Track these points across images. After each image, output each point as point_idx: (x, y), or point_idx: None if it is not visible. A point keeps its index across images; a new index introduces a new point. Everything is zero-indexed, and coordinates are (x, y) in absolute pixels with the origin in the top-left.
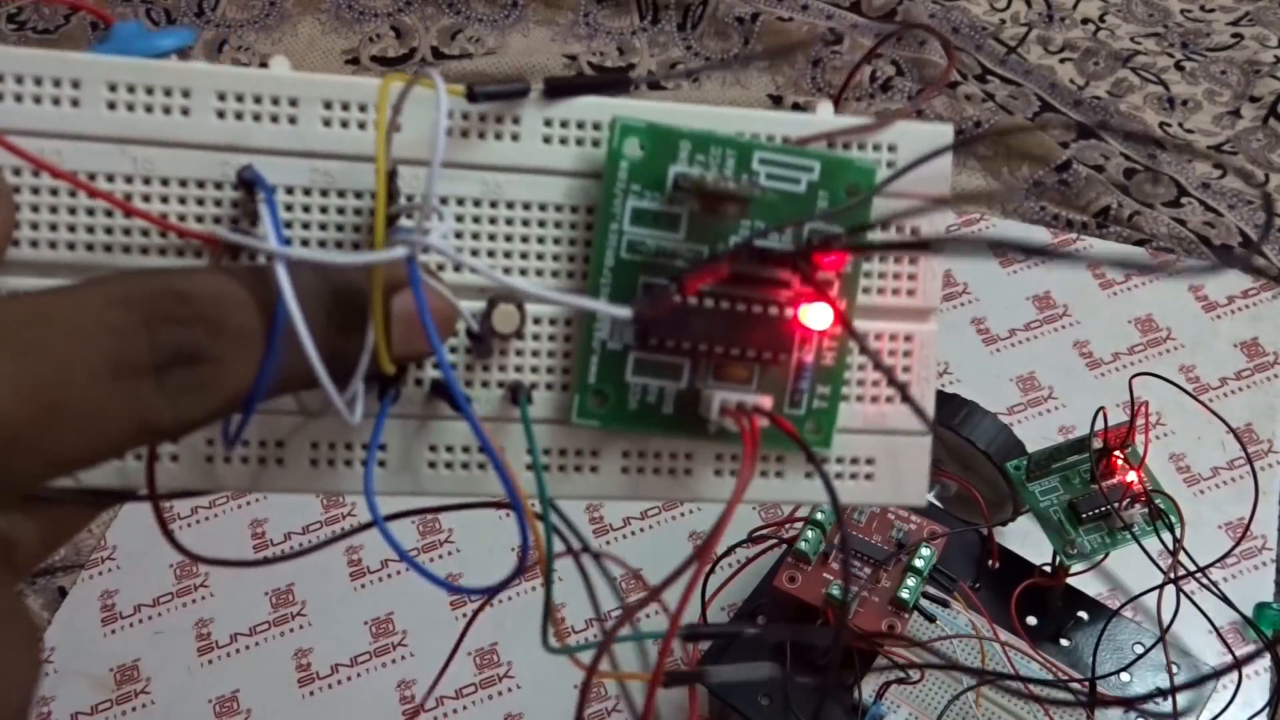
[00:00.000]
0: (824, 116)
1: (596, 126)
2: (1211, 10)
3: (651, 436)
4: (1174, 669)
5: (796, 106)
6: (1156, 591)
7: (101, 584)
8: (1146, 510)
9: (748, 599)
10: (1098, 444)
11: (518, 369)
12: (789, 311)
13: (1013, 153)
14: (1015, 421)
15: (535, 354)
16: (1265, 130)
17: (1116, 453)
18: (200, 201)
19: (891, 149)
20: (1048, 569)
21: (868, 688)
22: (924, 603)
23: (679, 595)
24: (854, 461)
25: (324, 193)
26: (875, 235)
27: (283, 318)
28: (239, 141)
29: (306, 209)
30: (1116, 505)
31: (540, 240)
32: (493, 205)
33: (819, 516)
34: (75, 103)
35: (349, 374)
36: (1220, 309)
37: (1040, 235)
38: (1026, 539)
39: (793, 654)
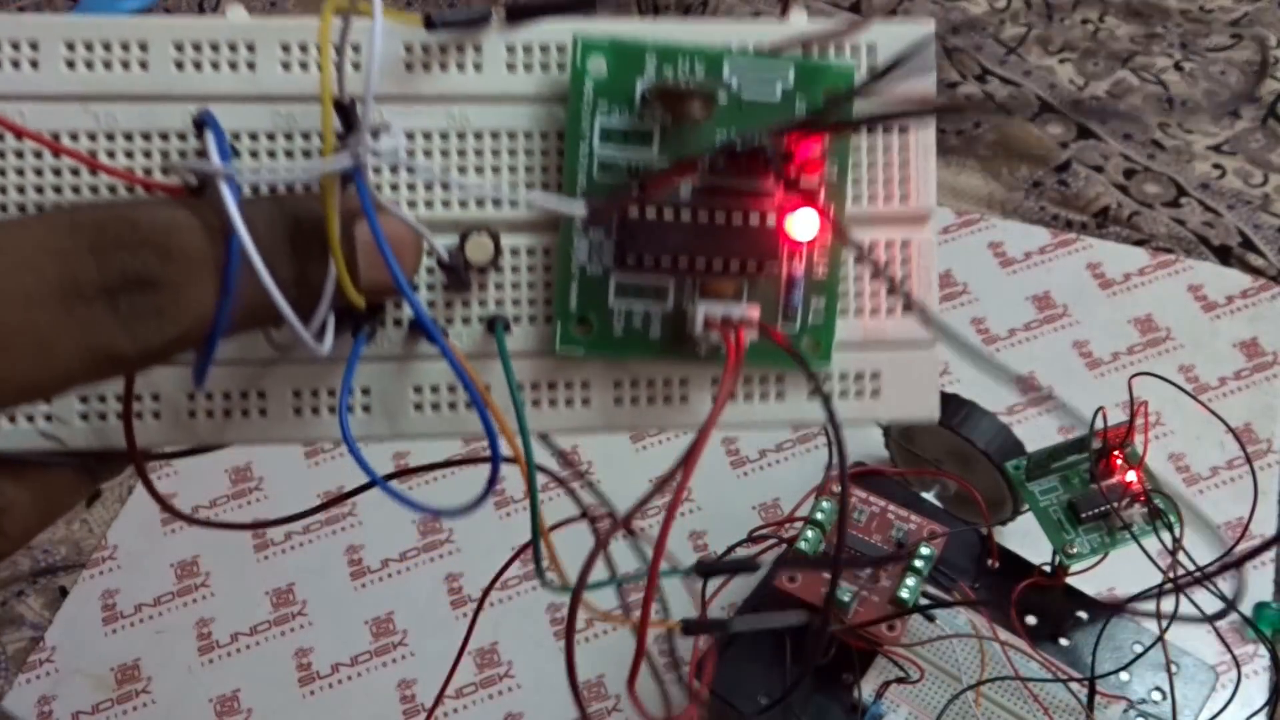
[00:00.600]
0: (797, 22)
1: (561, 50)
2: (1210, 10)
3: (641, 362)
4: (1174, 668)
5: None
6: (1156, 591)
7: (102, 583)
8: (1146, 510)
9: (747, 599)
10: (1097, 444)
11: (498, 303)
12: (771, 219)
13: (1012, 153)
14: (1015, 421)
15: (515, 286)
16: (1264, 130)
17: (1116, 452)
18: (165, 154)
19: (870, 50)
20: (1047, 569)
21: (867, 687)
22: (924, 602)
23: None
24: (858, 378)
25: (287, 136)
26: (861, 143)
27: (237, 242)
28: (199, 91)
29: (272, 154)
30: (1116, 505)
31: (511, 170)
32: (460, 137)
33: (819, 516)
34: (35, 64)
35: (317, 303)
36: (1220, 309)
37: (1040, 235)
38: (1026, 539)
39: (793, 653)
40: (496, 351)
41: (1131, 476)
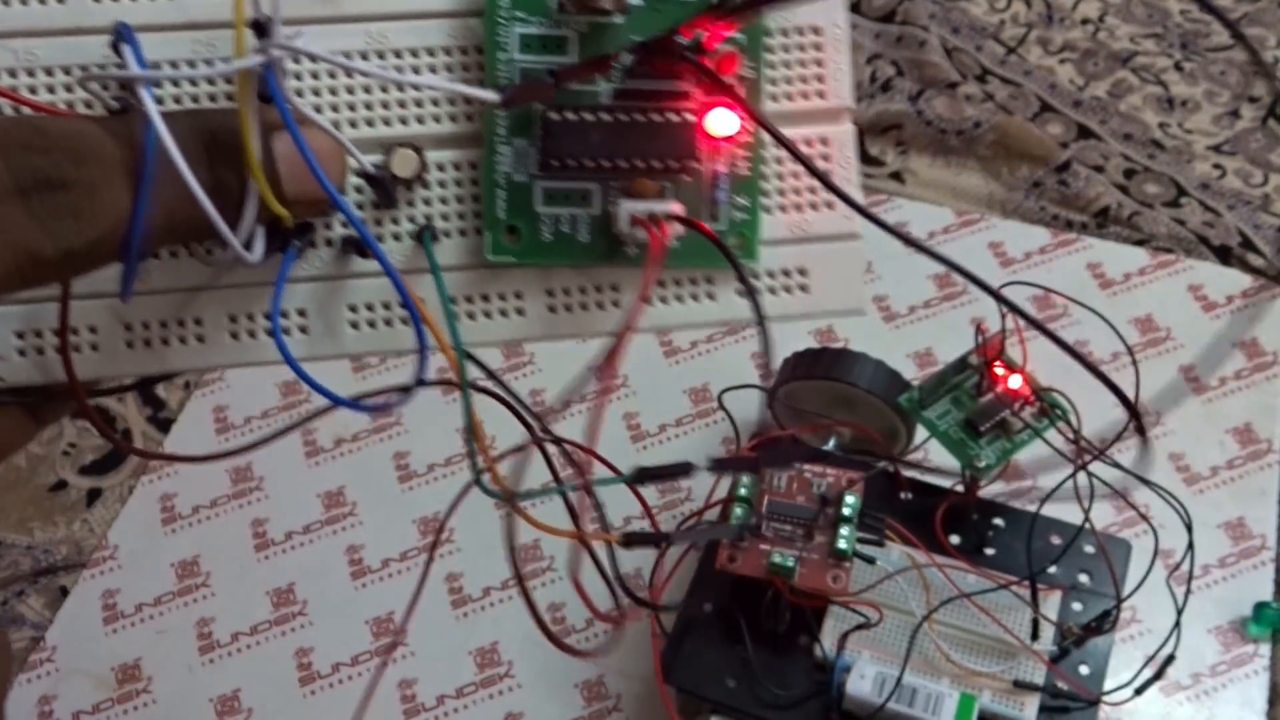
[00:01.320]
0: None
1: None
2: (1211, 11)
3: (572, 268)
4: (1092, 549)
5: None
6: (1070, 476)
7: (103, 583)
8: (1037, 409)
9: (690, 590)
10: (976, 360)
11: (427, 218)
12: (690, 117)
13: (1013, 153)
14: None
15: (443, 201)
16: (1264, 130)
17: (996, 363)
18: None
19: None
20: (960, 488)
21: (826, 643)
22: (860, 548)
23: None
24: (785, 274)
25: (208, 62)
26: (775, 41)
27: (153, 136)
28: (118, 21)
29: (193, 82)
30: (1010, 411)
31: (433, 86)
32: (380, 57)
33: (742, 491)
34: None
35: (240, 213)
36: (1220, 309)
37: (1040, 235)
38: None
39: (749, 630)
40: (428, 265)
41: (1016, 381)
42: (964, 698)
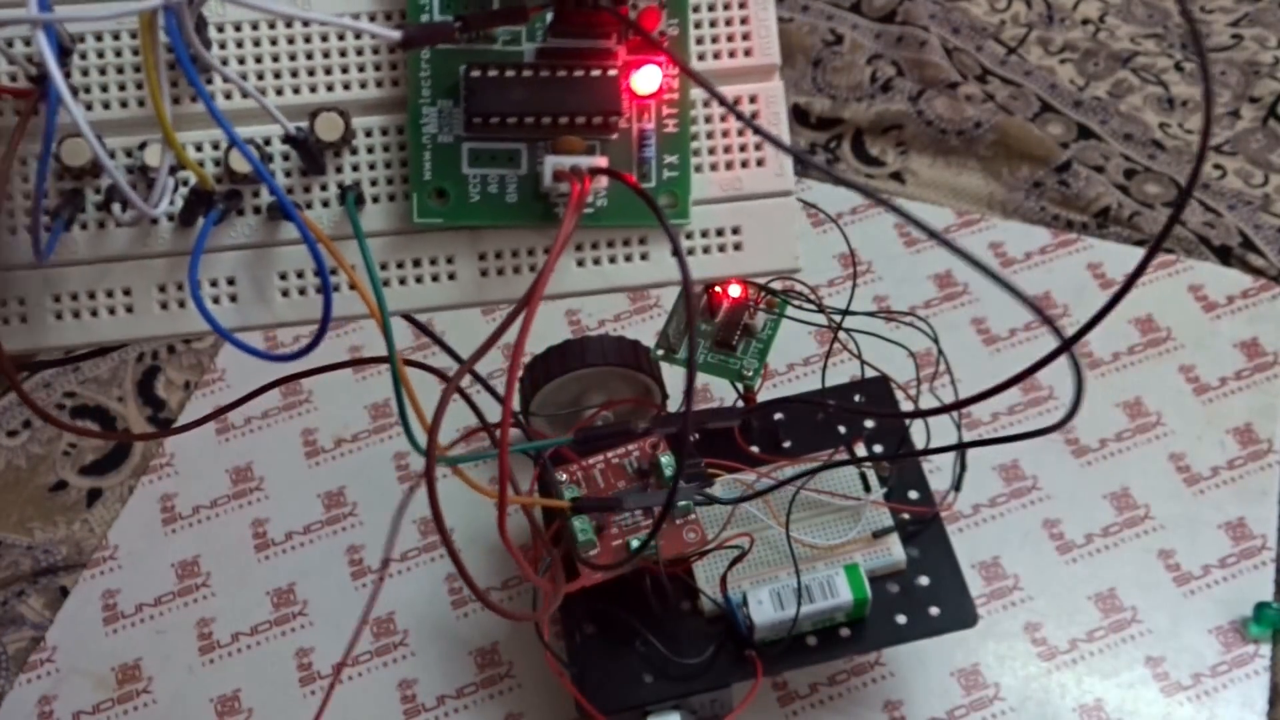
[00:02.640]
0: None
1: None
2: (1211, 11)
3: (501, 230)
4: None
5: None
6: (826, 350)
7: (103, 583)
8: (765, 303)
9: (565, 627)
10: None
11: (355, 183)
12: (613, 72)
13: (1013, 153)
14: (1015, 421)
15: (371, 166)
16: (1265, 131)
17: (715, 288)
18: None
19: None
20: (740, 404)
21: (710, 592)
22: (697, 497)
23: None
24: (719, 233)
25: (132, 35)
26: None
27: (53, 86)
28: None
29: (98, 37)
30: (748, 314)
31: (359, 52)
32: (305, 24)
33: (567, 494)
34: None
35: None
36: (1220, 309)
37: (1040, 235)
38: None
39: (640, 623)
40: (363, 230)
41: (736, 291)
42: (848, 569)
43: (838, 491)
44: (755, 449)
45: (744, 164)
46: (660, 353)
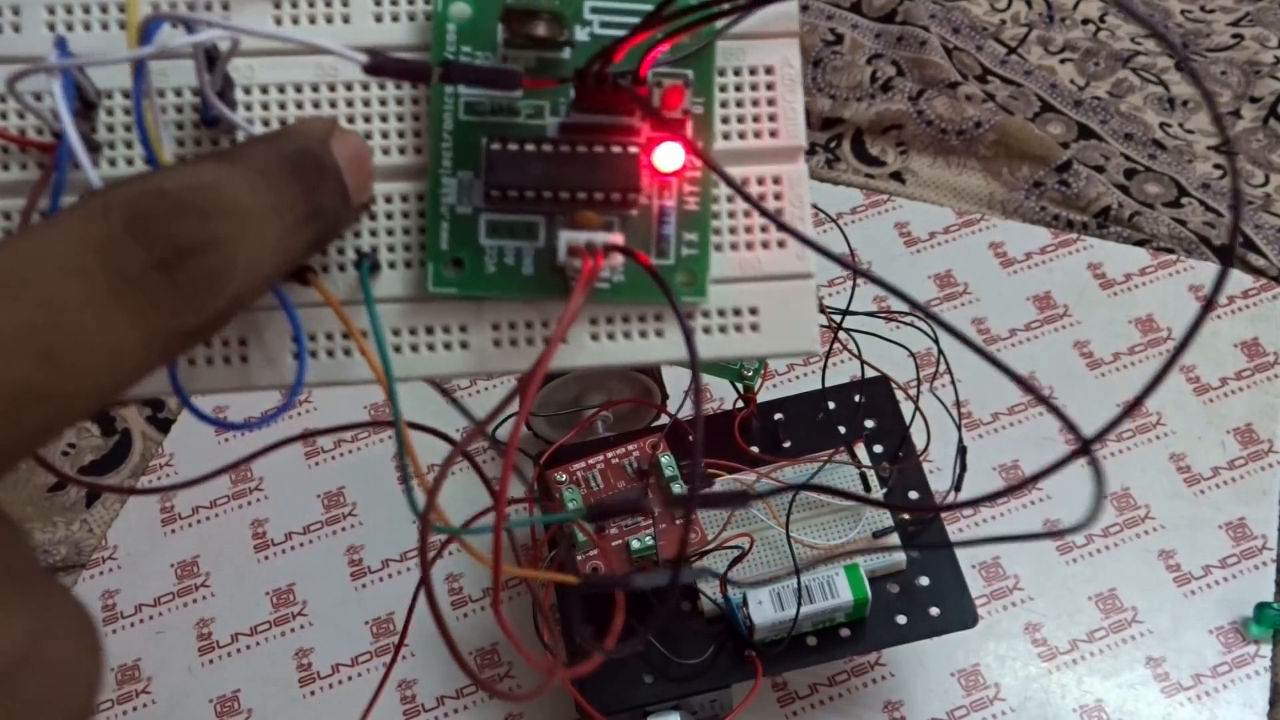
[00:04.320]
0: None
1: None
2: (1212, 11)
3: (516, 302)
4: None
5: None
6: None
7: (102, 584)
8: None
9: (565, 631)
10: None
11: (373, 248)
12: (634, 149)
13: (1013, 153)
14: (1016, 422)
15: (390, 232)
16: (1265, 131)
17: None
18: (21, 115)
19: None
20: (740, 405)
21: (711, 593)
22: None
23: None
24: (736, 313)
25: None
26: (727, 80)
27: (66, 129)
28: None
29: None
30: None
31: (383, 119)
32: (330, 89)
33: (570, 505)
34: None
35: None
36: (1220, 309)
37: (1040, 235)
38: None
39: (640, 625)
40: (377, 296)
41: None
42: (848, 569)
43: (839, 490)
44: (755, 449)
45: (764, 245)
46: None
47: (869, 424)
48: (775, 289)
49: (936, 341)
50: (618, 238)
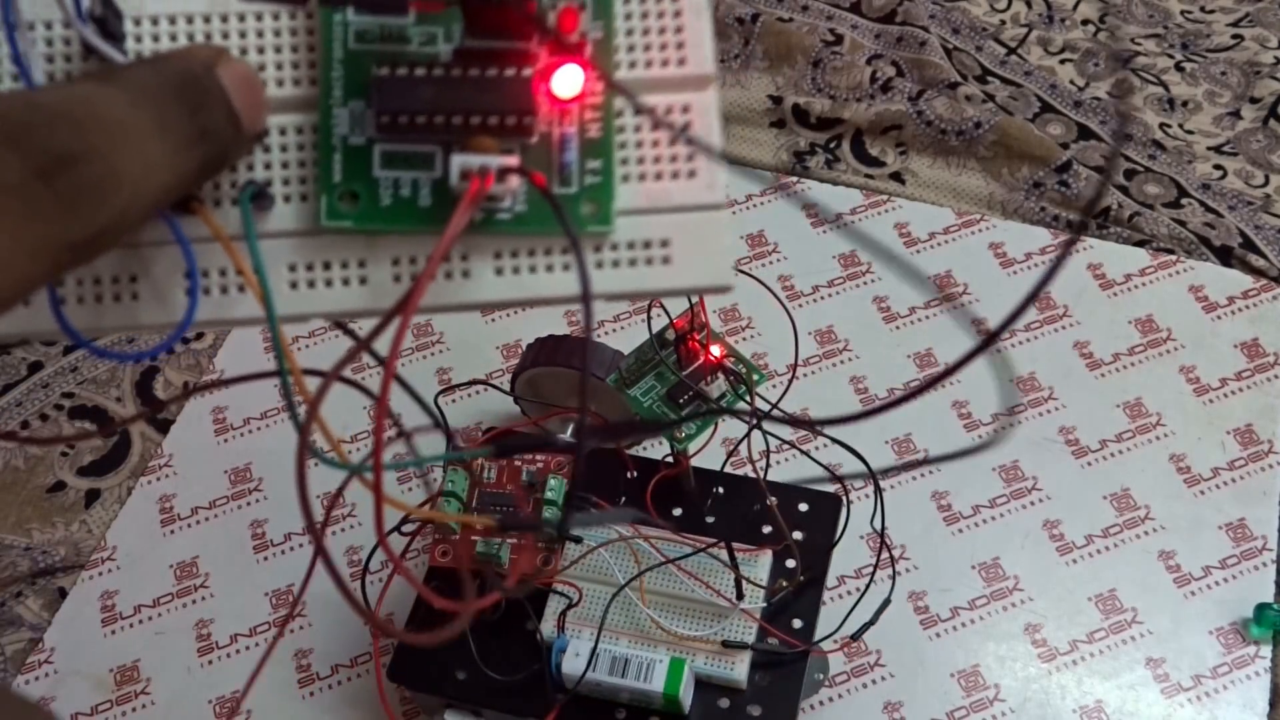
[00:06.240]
0: None
1: None
2: (1212, 11)
3: (415, 235)
4: (772, 500)
5: None
6: (744, 436)
7: (101, 584)
8: (730, 379)
9: (427, 580)
10: (672, 334)
11: (267, 181)
12: (527, 72)
13: (1013, 153)
14: (1015, 422)
15: (285, 165)
16: (1265, 131)
17: (692, 336)
18: None
19: None
20: (670, 461)
21: (548, 624)
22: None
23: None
24: (646, 245)
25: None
26: (631, 7)
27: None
28: None
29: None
30: (704, 382)
31: (276, 50)
32: (223, 20)
33: (450, 486)
34: None
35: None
36: (1220, 309)
37: (1040, 235)
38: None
39: (472, 621)
40: (270, 230)
41: (716, 351)
42: (673, 661)
43: (713, 584)
44: (677, 510)
45: (674, 175)
46: (614, 382)
47: (798, 535)
48: (686, 220)
49: (868, 466)
50: (513, 159)
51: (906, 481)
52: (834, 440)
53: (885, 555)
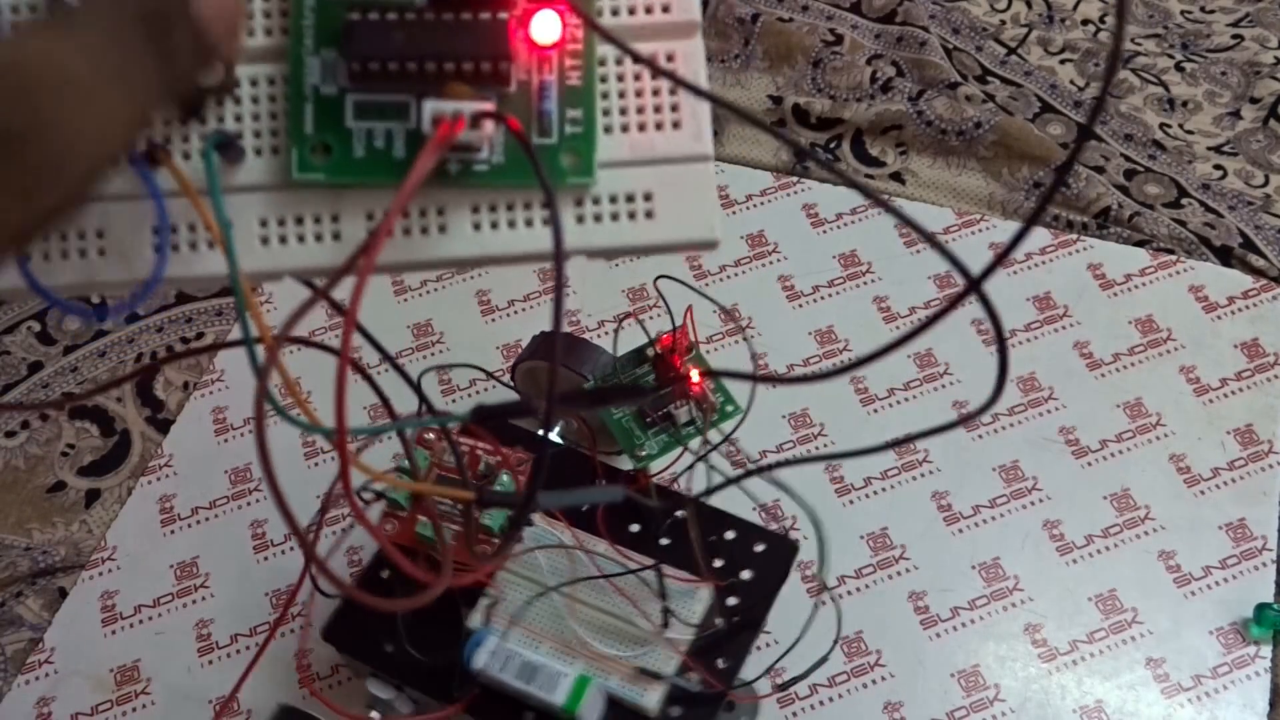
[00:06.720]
0: None
1: None
2: (1212, 11)
3: (389, 188)
4: (729, 534)
5: None
6: (688, 468)
7: (102, 584)
8: (703, 407)
9: (374, 557)
10: (653, 352)
11: (237, 134)
12: (502, 15)
13: (1013, 153)
14: (1015, 422)
15: (255, 117)
16: (1265, 131)
17: (674, 357)
18: None
19: None
20: (633, 476)
21: (476, 617)
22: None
23: None
24: (629, 199)
25: None
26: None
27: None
28: None
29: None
30: (674, 405)
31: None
32: None
33: (405, 464)
34: None
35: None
36: (1220, 310)
37: (1040, 235)
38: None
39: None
40: (242, 183)
41: (695, 377)
42: (579, 679)
43: (642, 607)
44: (634, 526)
45: (659, 126)
46: (591, 389)
47: (746, 574)
48: (670, 173)
49: (819, 529)
50: (488, 105)
51: (907, 481)
52: (778, 485)
53: (824, 598)
